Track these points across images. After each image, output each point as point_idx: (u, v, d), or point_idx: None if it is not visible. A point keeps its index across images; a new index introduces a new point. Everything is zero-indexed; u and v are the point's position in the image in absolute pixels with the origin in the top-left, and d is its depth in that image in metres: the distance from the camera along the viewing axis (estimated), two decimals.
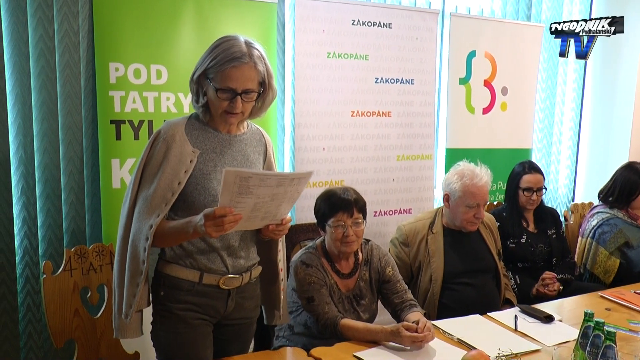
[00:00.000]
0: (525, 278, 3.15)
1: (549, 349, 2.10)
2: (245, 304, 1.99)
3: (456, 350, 2.04)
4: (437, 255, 2.75)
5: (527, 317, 2.44)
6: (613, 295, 2.78)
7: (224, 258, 1.87)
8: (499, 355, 1.86)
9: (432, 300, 2.71)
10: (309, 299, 2.23)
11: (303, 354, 1.97)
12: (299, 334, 2.34)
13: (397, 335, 2.02)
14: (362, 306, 2.37)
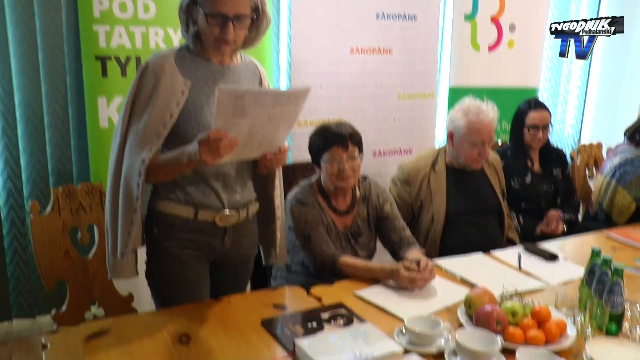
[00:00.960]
0: (529, 218, 3.15)
1: (554, 287, 2.10)
2: (242, 242, 1.97)
3: (459, 289, 2.04)
4: (439, 194, 2.72)
5: (531, 256, 2.43)
6: (619, 234, 2.78)
7: (218, 193, 1.84)
8: (503, 293, 1.86)
9: (434, 240, 2.71)
10: (306, 237, 2.22)
11: (302, 292, 1.96)
12: (296, 273, 2.33)
13: (396, 275, 2.01)
14: (360, 244, 2.36)
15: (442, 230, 2.72)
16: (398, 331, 1.67)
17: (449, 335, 1.64)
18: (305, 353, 1.48)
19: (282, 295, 1.95)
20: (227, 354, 1.51)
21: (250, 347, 1.57)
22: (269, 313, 1.76)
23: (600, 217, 3.42)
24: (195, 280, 1.88)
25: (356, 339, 1.56)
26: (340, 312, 1.79)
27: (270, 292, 1.99)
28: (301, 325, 1.68)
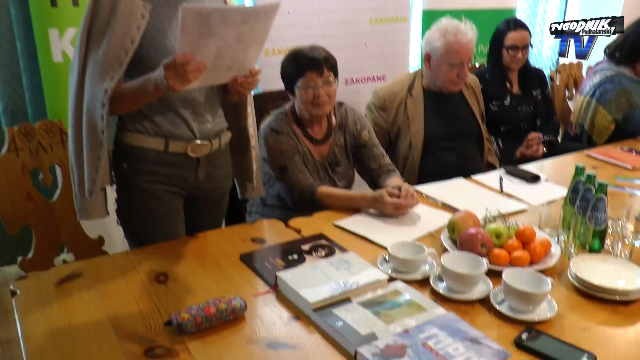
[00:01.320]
0: (508, 142, 3.18)
1: (537, 208, 2.14)
2: (216, 174, 1.95)
3: (441, 214, 2.06)
4: (417, 119, 2.72)
5: (513, 178, 2.47)
6: (599, 153, 2.82)
7: (188, 122, 1.81)
8: (486, 215, 1.88)
9: (412, 167, 2.72)
10: (282, 168, 2.20)
11: (281, 225, 1.96)
12: (272, 206, 2.33)
13: (379, 202, 2.02)
14: (338, 173, 2.36)
15: (421, 157, 2.73)
16: (381, 259, 1.69)
17: (434, 260, 1.67)
18: (288, 285, 1.49)
19: (259, 229, 1.95)
20: (207, 290, 1.51)
21: (230, 282, 1.57)
22: (248, 247, 1.76)
23: (580, 138, 3.47)
24: (169, 217, 1.86)
25: (339, 268, 1.58)
26: (321, 243, 1.80)
27: (247, 227, 1.99)
28: (281, 259, 1.68)
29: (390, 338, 1.28)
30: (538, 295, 1.43)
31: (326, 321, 1.36)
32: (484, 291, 1.52)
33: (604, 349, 1.32)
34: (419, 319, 1.36)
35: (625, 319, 1.46)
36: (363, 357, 1.22)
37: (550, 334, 1.36)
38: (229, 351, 1.28)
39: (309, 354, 1.28)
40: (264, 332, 1.35)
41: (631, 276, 1.59)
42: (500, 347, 1.26)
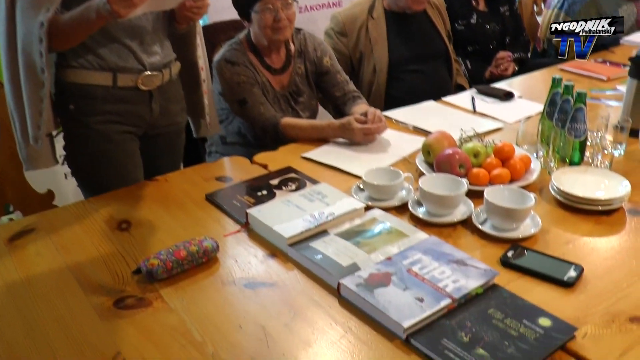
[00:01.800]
0: (477, 62, 3.18)
1: (513, 125, 2.17)
2: (171, 108, 1.92)
3: (413, 138, 2.07)
4: (379, 43, 2.69)
5: (485, 98, 2.48)
6: (573, 66, 2.85)
7: (136, 53, 1.75)
8: (462, 136, 1.90)
9: (378, 93, 2.71)
10: (241, 101, 2.17)
11: (245, 161, 1.95)
12: (233, 144, 2.31)
13: (347, 129, 2.01)
14: (301, 104, 2.33)
15: (386, 82, 2.72)
16: (356, 188, 1.70)
17: (411, 185, 1.68)
18: (261, 222, 1.49)
19: (223, 167, 1.93)
20: (175, 234, 1.50)
21: (198, 224, 1.56)
22: (213, 187, 1.75)
23: (549, 53, 3.50)
24: (125, 160, 1.83)
25: (313, 200, 1.58)
26: (290, 176, 1.79)
27: (209, 166, 1.97)
28: (250, 196, 1.68)
29: (373, 267, 1.29)
30: (522, 211, 1.45)
31: (304, 255, 1.36)
32: (465, 212, 1.55)
33: (590, 260, 1.37)
34: (401, 245, 1.38)
35: (608, 229, 1.51)
36: (347, 288, 1.24)
37: (536, 250, 1.39)
38: (205, 294, 1.28)
39: (289, 291, 1.29)
40: (239, 272, 1.35)
41: (612, 185, 1.63)
42: (487, 267, 1.29)
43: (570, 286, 1.26)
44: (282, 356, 1.09)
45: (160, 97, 1.86)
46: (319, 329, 1.16)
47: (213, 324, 1.18)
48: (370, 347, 1.11)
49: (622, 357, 1.07)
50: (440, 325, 1.14)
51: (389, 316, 1.14)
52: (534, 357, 1.05)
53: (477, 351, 1.06)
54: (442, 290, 1.21)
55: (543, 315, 1.16)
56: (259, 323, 1.18)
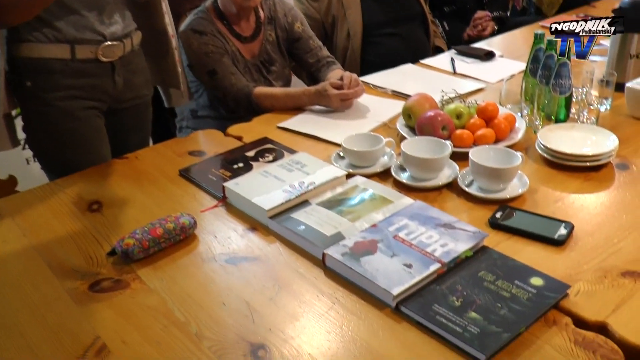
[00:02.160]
0: (455, 23, 3.18)
1: (495, 85, 2.18)
2: (135, 80, 1.90)
3: (393, 103, 2.08)
4: (353, 6, 2.68)
5: (465, 58, 2.49)
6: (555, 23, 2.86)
7: (95, 24, 1.72)
8: (443, 97, 1.90)
9: (354, 59, 2.71)
10: (210, 72, 2.15)
11: (219, 134, 1.94)
12: (205, 117, 2.29)
13: (324, 95, 2.01)
14: (273, 73, 2.32)
15: (361, 47, 2.72)
16: (335, 156, 1.70)
17: (392, 150, 1.69)
18: (239, 195, 1.48)
19: (195, 141, 1.92)
20: (149, 212, 1.48)
21: (173, 201, 1.55)
22: (186, 162, 1.74)
23: (530, 11, 3.51)
24: (91, 137, 1.80)
25: (292, 170, 1.57)
26: (267, 147, 1.79)
27: (181, 140, 1.95)
28: (226, 169, 1.67)
29: (358, 235, 1.30)
30: (509, 170, 1.47)
31: (286, 227, 1.36)
32: (451, 175, 1.56)
33: (580, 217, 1.39)
34: (386, 211, 1.39)
35: (597, 185, 1.54)
36: (332, 258, 1.24)
37: (524, 209, 1.41)
38: (186, 272, 1.28)
39: (272, 265, 1.29)
40: (219, 248, 1.35)
41: (600, 140, 1.65)
42: (476, 229, 1.30)
43: (561, 244, 1.28)
44: (268, 331, 1.09)
45: (123, 68, 1.83)
46: (306, 301, 1.16)
47: (195, 303, 1.17)
48: (359, 317, 1.12)
49: (616, 311, 1.09)
50: (431, 290, 1.15)
51: (377, 284, 1.15)
52: (528, 317, 1.07)
53: (469, 315, 1.07)
54: (431, 255, 1.22)
55: (535, 274, 1.17)
56: (243, 299, 1.17)
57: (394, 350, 1.04)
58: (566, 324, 1.07)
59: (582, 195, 1.49)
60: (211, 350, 1.05)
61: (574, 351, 1.00)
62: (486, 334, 1.03)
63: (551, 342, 1.03)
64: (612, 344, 1.01)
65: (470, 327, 1.04)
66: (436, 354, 1.03)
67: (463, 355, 1.02)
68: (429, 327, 1.07)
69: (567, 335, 1.04)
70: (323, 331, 1.09)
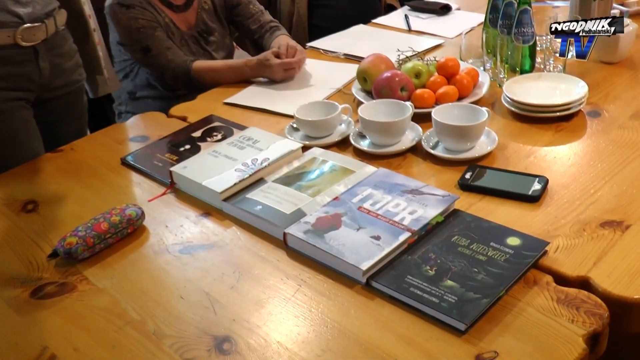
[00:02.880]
0: None
1: (454, 40, 2.20)
2: (65, 65, 1.86)
3: (346, 67, 2.08)
4: None
5: (420, 14, 2.50)
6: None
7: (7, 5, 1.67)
8: (400, 56, 1.91)
9: (300, 24, 2.70)
10: (144, 49, 2.11)
11: (161, 116, 1.92)
12: (145, 99, 2.26)
13: (266, 66, 2.00)
14: (213, 44, 2.30)
15: (308, 11, 2.70)
16: (289, 129, 1.70)
17: (349, 117, 1.69)
18: (188, 179, 1.47)
19: (137, 125, 1.89)
20: (91, 207, 1.45)
21: (117, 192, 1.54)
22: (128, 149, 1.72)
23: None
24: (19, 131, 1.77)
25: (243, 148, 1.57)
26: (214, 125, 1.78)
27: (120, 126, 1.93)
28: (172, 152, 1.65)
29: (320, 210, 1.30)
30: (475, 127, 1.48)
31: (242, 209, 1.36)
32: (414, 138, 1.57)
33: (554, 170, 1.42)
34: (348, 182, 1.39)
35: (569, 135, 1.56)
36: (294, 237, 1.24)
37: (495, 167, 1.43)
38: (137, 268, 1.27)
39: (231, 250, 1.28)
40: (172, 238, 1.34)
41: (569, 88, 1.68)
42: (445, 192, 1.31)
43: (536, 200, 1.30)
44: (232, 322, 1.09)
45: (48, 53, 1.79)
46: (270, 286, 1.16)
47: (151, 299, 1.17)
48: (328, 298, 1.12)
49: (597, 264, 1.11)
50: (402, 262, 1.16)
51: (345, 260, 1.15)
52: (507, 279, 1.08)
53: (445, 283, 1.08)
54: (399, 225, 1.22)
55: (511, 234, 1.19)
56: (202, 290, 1.17)
57: (369, 328, 1.04)
58: (547, 282, 1.09)
59: (555, 148, 1.51)
60: (172, 348, 1.05)
61: (557, 310, 1.02)
62: (464, 302, 1.04)
63: (533, 303, 1.05)
64: (595, 299, 1.03)
65: (447, 296, 1.05)
66: (414, 328, 1.03)
67: (442, 326, 1.03)
68: (403, 300, 1.08)
69: (549, 294, 1.06)
70: (291, 316, 1.09)
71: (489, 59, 1.88)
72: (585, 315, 1.00)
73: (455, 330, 1.01)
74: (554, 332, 0.98)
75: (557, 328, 0.99)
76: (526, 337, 0.98)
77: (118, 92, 2.29)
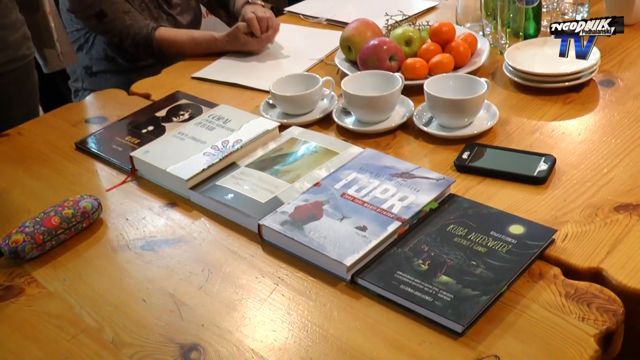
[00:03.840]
0: None
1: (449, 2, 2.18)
2: (9, 38, 1.85)
3: (328, 34, 2.07)
4: None
5: None
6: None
7: None
8: (388, 21, 1.89)
9: None
10: (99, 14, 2.07)
11: (121, 94, 1.90)
12: (103, 73, 2.24)
13: (236, 39, 1.98)
14: (176, 7, 2.27)
15: None
16: (265, 105, 1.68)
17: (333, 92, 1.68)
18: (151, 165, 1.45)
19: (93, 105, 1.88)
20: (41, 199, 1.44)
21: (71, 182, 1.52)
22: (83, 132, 1.70)
23: None
24: None
25: (213, 128, 1.55)
26: (181, 103, 1.76)
27: (75, 107, 1.91)
28: (133, 135, 1.64)
29: (299, 198, 1.29)
30: (473, 100, 1.46)
31: (211, 198, 1.34)
32: (405, 114, 1.56)
33: (562, 147, 1.40)
34: (331, 166, 1.38)
35: (580, 107, 1.55)
36: (270, 230, 1.23)
37: (496, 146, 1.42)
38: (93, 267, 1.25)
39: (199, 245, 1.27)
40: (133, 232, 1.32)
41: None
42: (440, 175, 1.30)
43: (542, 182, 1.29)
44: (201, 328, 1.07)
45: None
46: (243, 286, 1.15)
47: (109, 303, 1.15)
48: (309, 298, 1.11)
49: (611, 254, 1.10)
50: (392, 255, 1.14)
51: (327, 255, 1.14)
52: (509, 273, 1.06)
53: (439, 279, 1.07)
54: (388, 213, 1.21)
55: (514, 221, 1.17)
56: (167, 291, 1.16)
57: (354, 332, 1.03)
58: (555, 275, 1.07)
59: (563, 122, 1.50)
60: (133, 358, 1.03)
61: (566, 306, 1.01)
62: (461, 300, 1.02)
63: (539, 299, 1.03)
64: (608, 293, 1.02)
65: (442, 294, 1.04)
66: (405, 331, 1.02)
67: (436, 328, 1.01)
68: (392, 299, 1.07)
69: (556, 289, 1.04)
70: (267, 320, 1.07)
71: (488, 22, 1.86)
72: (597, 312, 0.99)
73: (452, 332, 1.00)
74: (562, 332, 0.97)
75: (565, 327, 0.97)
76: (531, 338, 0.97)
77: (72, 67, 2.27)
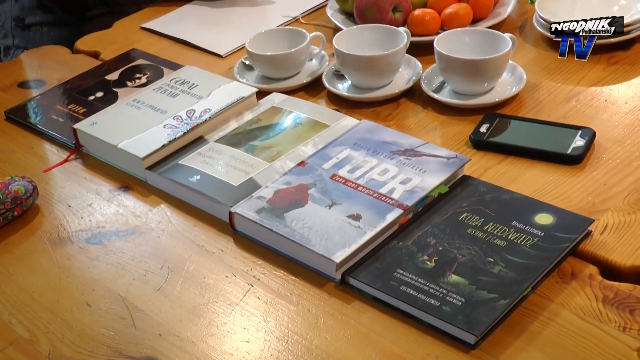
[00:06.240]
0: None
1: None
2: None
3: None
4: None
5: None
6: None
7: None
8: None
9: None
10: None
11: (64, 51, 1.92)
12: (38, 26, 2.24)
13: None
14: None
15: None
16: (239, 67, 1.70)
17: (323, 50, 1.68)
18: (100, 140, 1.46)
19: (29, 66, 1.89)
20: None
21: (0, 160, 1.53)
22: (15, 99, 1.71)
23: None
24: None
25: (175, 95, 1.56)
26: (137, 63, 1.77)
27: (5, 67, 1.93)
28: (78, 103, 1.65)
29: (280, 180, 1.30)
30: (495, 61, 1.46)
31: (173, 180, 1.35)
32: (411, 78, 1.56)
33: (604, 119, 1.41)
34: (319, 141, 1.39)
35: (627, 70, 1.55)
36: (243, 219, 1.24)
37: (521, 117, 1.42)
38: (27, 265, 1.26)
39: (158, 238, 1.28)
40: (76, 222, 1.33)
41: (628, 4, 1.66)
42: (452, 152, 1.30)
43: (578, 161, 1.29)
44: (158, 338, 1.08)
45: None
46: (210, 287, 1.16)
47: (45, 308, 1.16)
48: (290, 302, 1.12)
49: None
50: (391, 250, 1.15)
51: (312, 250, 1.14)
52: (534, 273, 1.07)
53: (448, 279, 1.08)
54: (387, 199, 1.22)
55: (541, 209, 1.18)
56: (118, 294, 1.16)
57: (344, 343, 1.03)
58: (590, 275, 1.08)
59: (605, 88, 1.50)
60: None
61: (604, 313, 1.01)
62: (475, 305, 1.03)
63: (570, 304, 1.04)
64: None
65: (451, 297, 1.05)
66: (405, 342, 1.02)
67: (444, 339, 1.02)
68: (391, 303, 1.07)
69: (592, 292, 1.05)
70: (238, 328, 1.09)
71: None
72: None
73: (462, 343, 1.00)
74: (598, 345, 0.97)
75: (602, 339, 0.98)
76: (559, 351, 0.98)
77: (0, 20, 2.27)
